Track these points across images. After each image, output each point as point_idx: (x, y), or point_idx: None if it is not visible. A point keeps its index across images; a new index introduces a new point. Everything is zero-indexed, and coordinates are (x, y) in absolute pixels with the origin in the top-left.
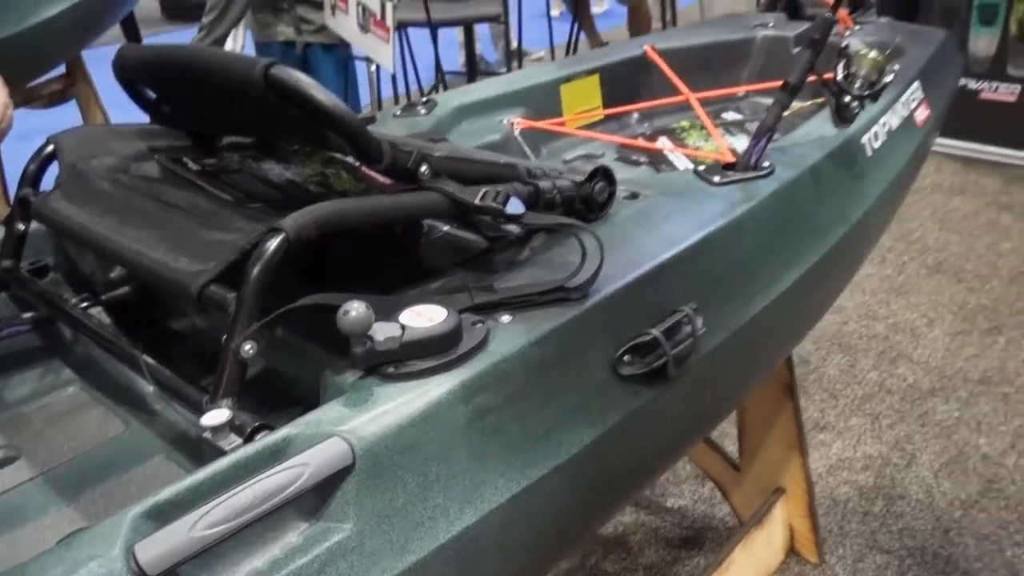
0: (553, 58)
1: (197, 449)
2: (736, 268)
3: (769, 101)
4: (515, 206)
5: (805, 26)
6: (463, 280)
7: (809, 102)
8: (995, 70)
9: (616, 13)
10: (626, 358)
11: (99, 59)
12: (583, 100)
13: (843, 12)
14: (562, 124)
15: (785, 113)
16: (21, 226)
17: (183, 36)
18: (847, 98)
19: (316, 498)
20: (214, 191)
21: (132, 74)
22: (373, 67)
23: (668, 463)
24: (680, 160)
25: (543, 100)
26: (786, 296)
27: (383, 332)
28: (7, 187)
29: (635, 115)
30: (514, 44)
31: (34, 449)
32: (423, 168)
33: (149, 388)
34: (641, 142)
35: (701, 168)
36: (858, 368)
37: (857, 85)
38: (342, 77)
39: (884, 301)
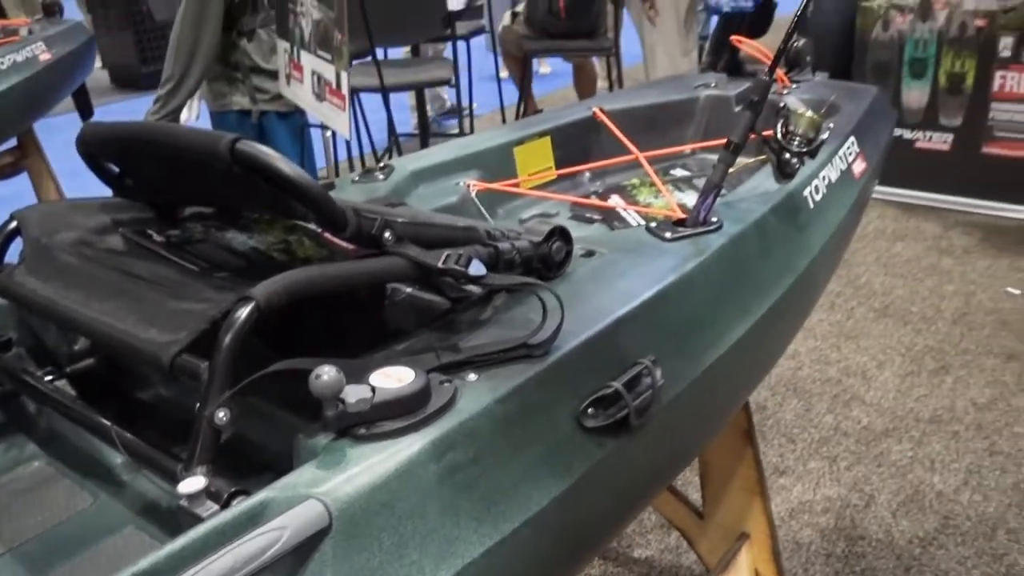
0: (504, 120)
1: (169, 519)
2: (691, 320)
3: (715, 158)
4: (477, 268)
5: (746, 85)
6: (428, 341)
7: (754, 159)
8: (928, 120)
9: (560, 74)
10: (590, 411)
11: (51, 130)
12: (536, 161)
13: (780, 72)
14: (516, 185)
15: (730, 170)
16: None
17: (133, 105)
18: (787, 155)
19: (294, 561)
20: (180, 262)
21: (95, 150)
22: (328, 133)
23: (634, 513)
24: (632, 216)
25: (497, 162)
26: (740, 345)
27: (354, 395)
28: None
29: (587, 174)
30: (465, 104)
31: (3, 525)
32: (387, 234)
33: (117, 460)
34: (594, 200)
35: (653, 225)
36: (814, 412)
37: (796, 143)
38: (298, 143)
39: (835, 346)
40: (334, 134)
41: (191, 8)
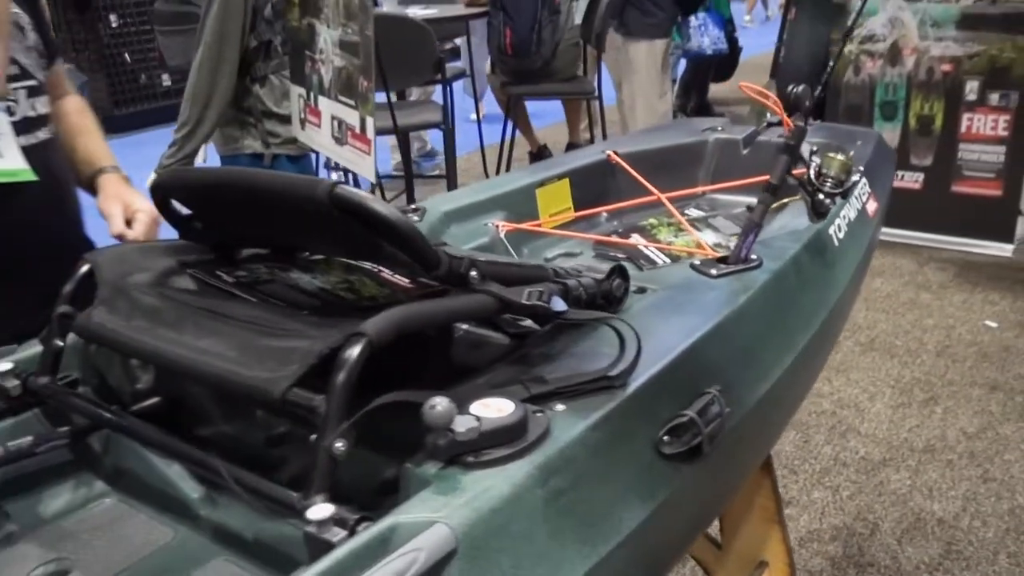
0: (483, 160)
1: (253, 549)
2: (744, 352)
3: (726, 198)
4: (558, 304)
5: (750, 130)
6: (507, 374)
7: (786, 199)
8: (900, 160)
9: (551, 112)
10: (666, 438)
11: None
12: (556, 202)
13: (786, 118)
14: (539, 225)
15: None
16: (59, 343)
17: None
18: (820, 196)
19: None
20: (261, 301)
21: (173, 193)
22: (335, 175)
23: (698, 536)
24: (655, 255)
25: (521, 203)
26: (786, 375)
27: (463, 424)
28: None
29: (603, 215)
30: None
31: (88, 560)
32: (473, 272)
33: (191, 494)
34: (616, 239)
35: (697, 263)
36: (812, 444)
37: (828, 184)
38: None
39: (827, 379)
40: (347, 175)
41: (207, 55)
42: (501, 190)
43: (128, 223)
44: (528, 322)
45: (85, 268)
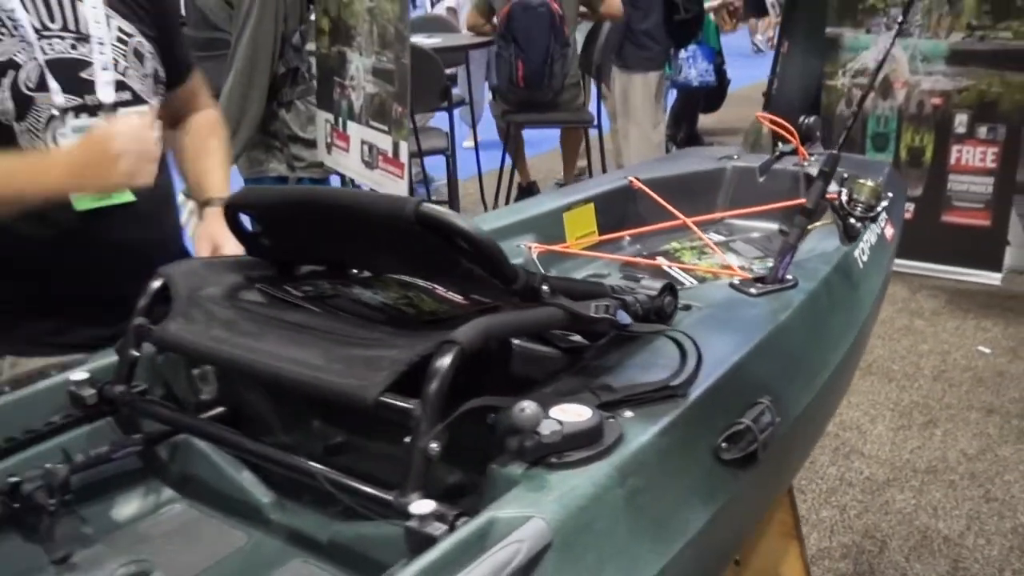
0: (481, 186)
1: (328, 550)
2: (788, 366)
3: (744, 223)
4: (623, 317)
5: (766, 158)
6: (572, 384)
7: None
8: None
9: (546, 140)
10: (724, 445)
11: None
12: (582, 226)
13: (801, 148)
14: (568, 247)
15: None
16: (135, 353)
17: None
18: (852, 220)
19: (523, 574)
20: (328, 313)
21: (247, 210)
22: None
23: (747, 538)
24: (681, 275)
25: (548, 226)
26: (823, 389)
27: (547, 427)
28: None
29: (626, 239)
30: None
31: (166, 563)
32: (544, 287)
33: (261, 499)
34: (644, 260)
35: (736, 282)
36: (818, 464)
37: (859, 209)
38: None
39: None
40: None
41: (237, 81)
42: (530, 214)
43: None
44: (577, 337)
45: (159, 282)
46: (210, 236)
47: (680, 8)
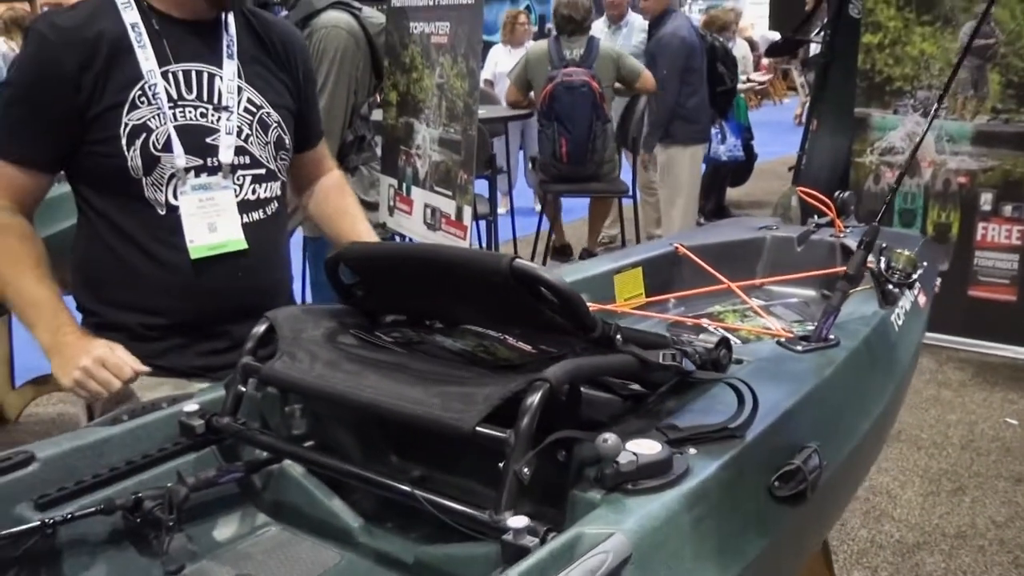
0: (515, 249)
1: (416, 569)
2: (832, 416)
3: (781, 289)
4: (688, 364)
5: (802, 230)
6: (638, 424)
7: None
8: None
9: (577, 209)
10: (777, 483)
11: None
12: (630, 288)
13: (838, 220)
14: (618, 307)
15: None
16: (242, 388)
17: None
18: (890, 286)
19: None
20: (420, 356)
21: (349, 263)
22: None
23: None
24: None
25: (600, 287)
26: (863, 440)
27: (624, 458)
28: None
29: (671, 301)
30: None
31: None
32: (618, 336)
33: (353, 524)
34: (690, 319)
35: (783, 340)
36: (849, 527)
37: (897, 276)
38: None
39: None
40: None
41: None
42: (583, 275)
43: None
44: (635, 386)
45: (265, 325)
46: None
47: (726, 79)
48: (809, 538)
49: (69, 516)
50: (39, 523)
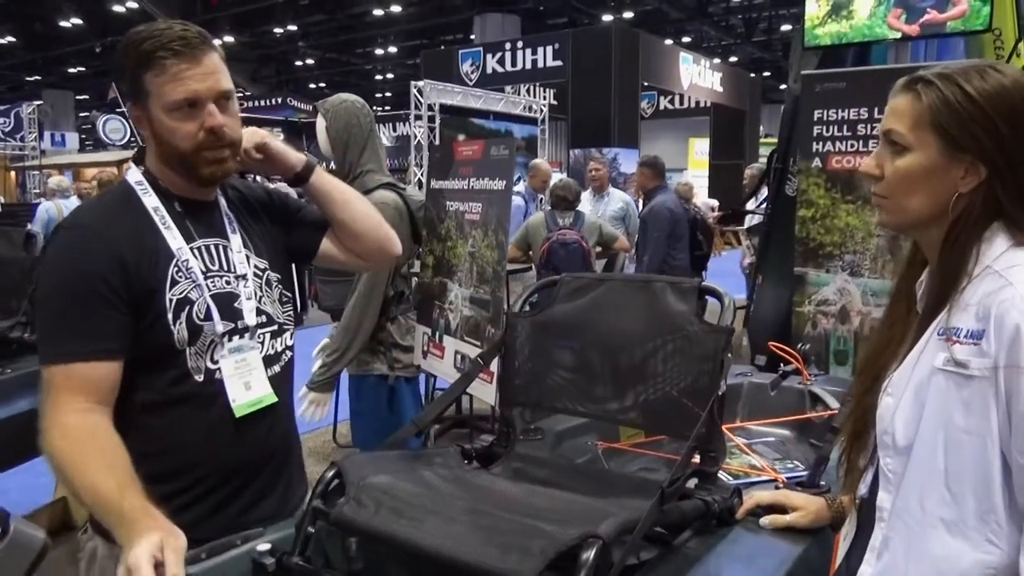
0: None
1: None
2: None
3: (758, 429)
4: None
5: (773, 377)
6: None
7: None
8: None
9: None
10: None
11: None
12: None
13: (804, 369)
14: (623, 446)
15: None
16: (311, 529)
17: None
18: None
19: None
20: (480, 500)
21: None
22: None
23: None
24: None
25: (606, 427)
26: None
27: None
28: None
29: (666, 439)
30: None
31: None
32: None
33: None
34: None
35: (780, 486)
36: None
37: None
38: (417, 400)
39: None
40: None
41: (359, 302)
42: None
43: None
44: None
45: (334, 471)
46: None
47: (703, 245)
48: None
49: None
50: None
